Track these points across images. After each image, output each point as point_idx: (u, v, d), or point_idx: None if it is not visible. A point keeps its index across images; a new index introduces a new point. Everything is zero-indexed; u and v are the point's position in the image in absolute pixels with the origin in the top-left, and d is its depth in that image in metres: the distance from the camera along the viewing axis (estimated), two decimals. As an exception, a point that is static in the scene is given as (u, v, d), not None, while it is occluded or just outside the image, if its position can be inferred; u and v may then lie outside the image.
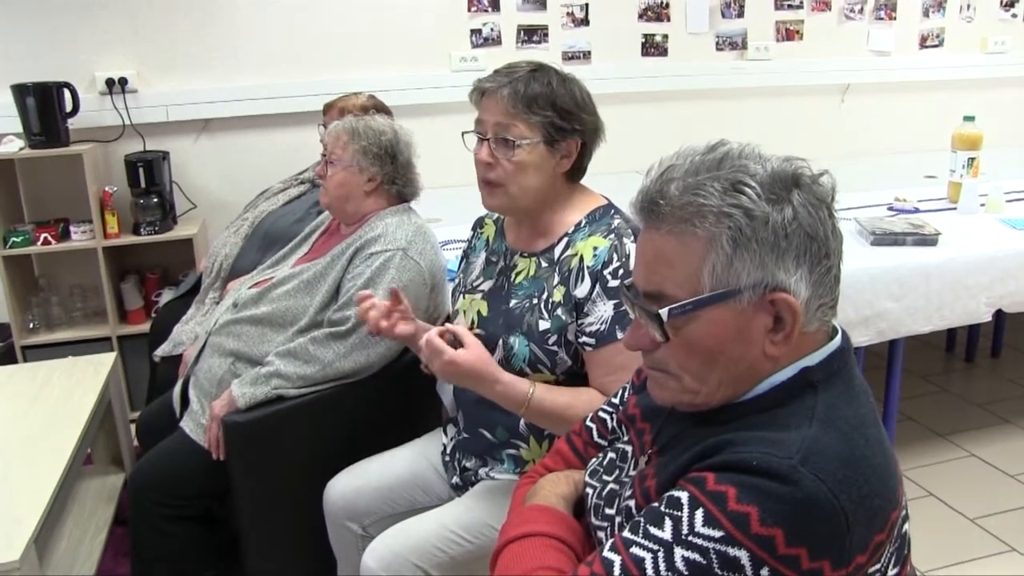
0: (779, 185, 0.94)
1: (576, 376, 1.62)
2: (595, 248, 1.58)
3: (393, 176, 2.15)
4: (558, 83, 1.60)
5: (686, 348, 0.97)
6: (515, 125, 1.58)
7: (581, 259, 1.59)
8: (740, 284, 0.93)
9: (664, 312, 0.95)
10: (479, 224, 1.91)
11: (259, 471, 1.98)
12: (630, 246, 1.57)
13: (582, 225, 1.65)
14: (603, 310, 1.55)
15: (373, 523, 1.82)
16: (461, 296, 1.81)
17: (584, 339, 1.57)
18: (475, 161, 1.65)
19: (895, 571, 0.95)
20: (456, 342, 1.54)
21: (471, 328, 1.73)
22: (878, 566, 0.90)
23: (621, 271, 1.55)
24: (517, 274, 1.70)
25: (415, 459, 1.90)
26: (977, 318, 2.65)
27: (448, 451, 1.85)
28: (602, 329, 1.55)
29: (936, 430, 3.18)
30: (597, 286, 1.56)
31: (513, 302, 1.67)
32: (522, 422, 1.67)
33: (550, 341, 1.60)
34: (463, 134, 1.69)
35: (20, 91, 3.12)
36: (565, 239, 1.65)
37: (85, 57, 3.38)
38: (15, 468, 1.94)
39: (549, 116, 1.58)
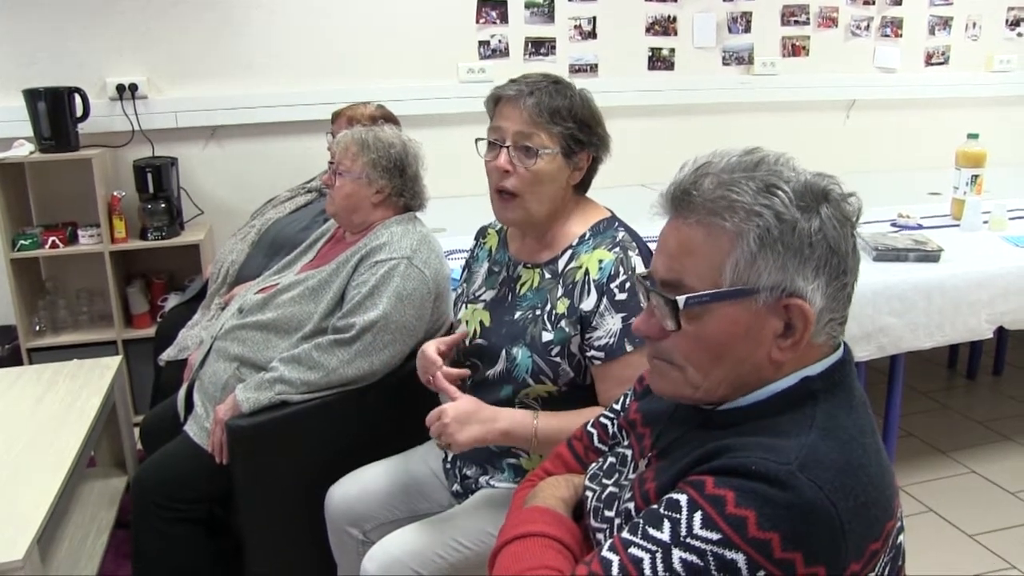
0: (810, 196, 0.95)
1: (579, 388, 1.63)
2: (600, 261, 1.59)
3: (401, 189, 2.17)
4: (578, 97, 1.63)
5: (695, 340, 0.98)
6: (537, 134, 1.60)
7: (587, 272, 1.60)
8: (759, 284, 0.94)
9: (681, 300, 0.97)
10: (482, 234, 1.92)
11: (262, 475, 1.99)
12: (635, 259, 1.58)
13: (586, 237, 1.66)
14: (611, 323, 1.56)
15: (374, 528, 1.83)
16: (463, 306, 1.82)
17: (593, 353, 1.58)
18: (489, 169, 1.66)
19: (890, 580, 0.96)
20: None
21: (473, 338, 1.74)
22: (872, 575, 0.91)
23: (628, 284, 1.56)
24: (521, 285, 1.71)
25: (417, 466, 1.91)
26: (978, 335, 2.66)
27: (449, 458, 1.86)
28: (611, 343, 1.56)
29: (937, 446, 3.18)
30: (604, 300, 1.57)
31: (517, 313, 1.68)
32: None
33: (553, 352, 1.61)
34: (477, 141, 1.70)
35: (32, 96, 3.15)
36: (569, 251, 1.66)
37: (96, 63, 3.41)
38: (20, 469, 1.95)
39: (570, 128, 1.61)
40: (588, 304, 1.58)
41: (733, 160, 0.99)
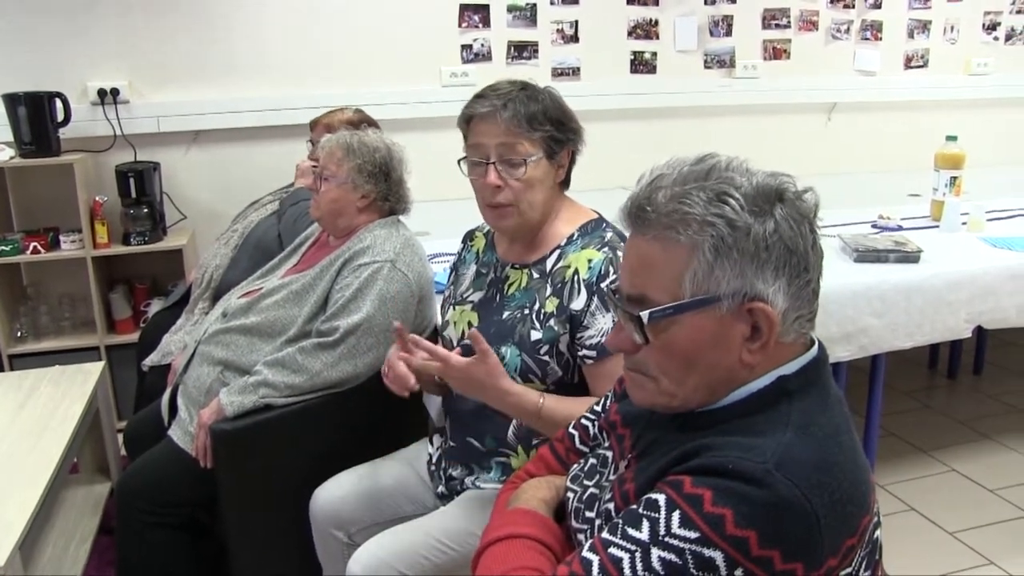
0: (762, 199, 0.96)
1: (567, 387, 1.64)
2: (590, 261, 1.60)
3: (386, 193, 2.17)
4: (548, 98, 1.65)
5: (665, 351, 0.99)
6: (520, 143, 1.61)
7: (576, 272, 1.61)
8: (720, 292, 0.95)
9: (644, 315, 0.98)
10: (469, 237, 1.93)
11: (246, 479, 1.99)
12: None
13: (574, 238, 1.67)
14: (603, 323, 1.57)
15: (359, 531, 1.83)
16: (451, 308, 1.83)
17: (584, 352, 1.59)
18: (478, 187, 1.66)
19: (866, 575, 0.98)
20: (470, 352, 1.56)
21: (461, 339, 1.75)
22: (849, 570, 0.93)
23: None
24: (509, 285, 1.72)
25: (401, 468, 1.92)
26: (958, 334, 2.68)
27: (434, 460, 1.87)
28: (602, 342, 1.57)
29: (918, 445, 3.21)
30: (595, 299, 1.58)
31: (506, 313, 1.69)
32: (510, 432, 1.69)
33: (541, 351, 1.62)
34: (459, 161, 1.69)
35: (11, 100, 3.14)
36: (557, 251, 1.68)
37: (77, 67, 3.39)
38: (1, 475, 1.94)
39: (549, 130, 1.62)
40: (578, 304, 1.59)
41: (685, 170, 1.00)
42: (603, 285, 1.57)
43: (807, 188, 1.02)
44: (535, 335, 1.62)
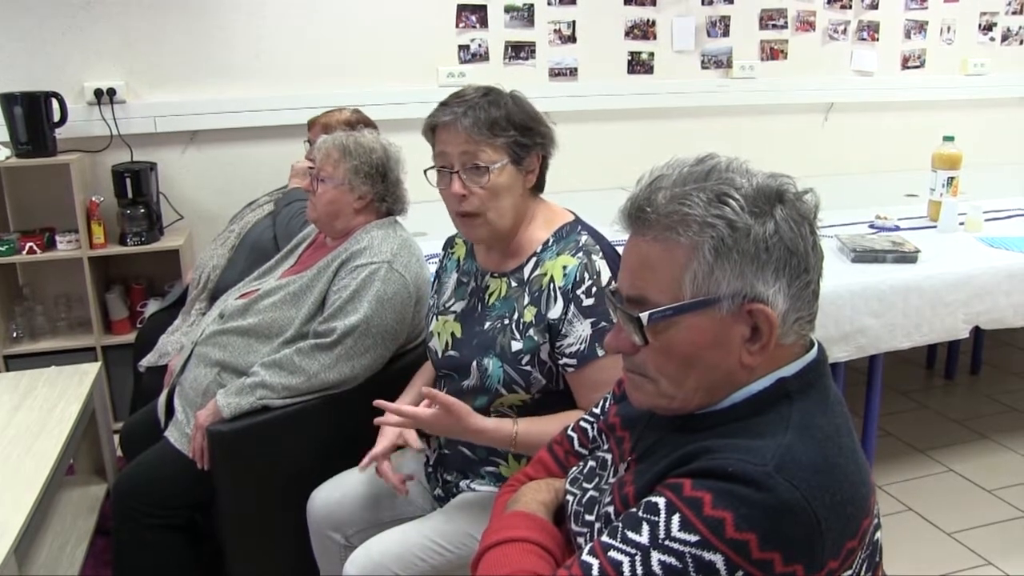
0: (763, 199, 0.96)
1: (552, 395, 1.63)
2: (565, 267, 1.59)
3: (383, 194, 2.17)
4: (511, 102, 1.63)
5: (664, 353, 0.99)
6: (483, 150, 1.59)
7: (552, 279, 1.59)
8: (720, 293, 0.95)
9: (644, 316, 0.98)
10: (449, 244, 1.92)
11: (243, 481, 1.98)
12: (600, 263, 1.58)
13: (550, 244, 1.66)
14: (581, 330, 1.56)
15: (356, 533, 1.83)
16: (434, 318, 1.82)
17: (565, 360, 1.58)
18: (446, 197, 1.65)
19: (867, 577, 0.97)
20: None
21: (445, 350, 1.74)
22: (850, 572, 0.92)
23: (594, 289, 1.56)
24: (490, 295, 1.71)
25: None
26: (955, 335, 2.68)
27: (430, 463, 1.86)
28: (582, 349, 1.56)
29: (915, 445, 3.21)
30: (571, 306, 1.56)
31: (487, 324, 1.68)
32: None
33: (523, 361, 1.61)
34: (425, 171, 1.69)
35: (8, 100, 3.13)
36: (534, 258, 1.66)
37: (74, 67, 3.38)
38: (-3, 477, 1.94)
39: (512, 135, 1.60)
40: (555, 312, 1.58)
41: (685, 171, 1.00)
42: (578, 292, 1.56)
43: (807, 189, 1.01)
44: (516, 345, 1.61)
